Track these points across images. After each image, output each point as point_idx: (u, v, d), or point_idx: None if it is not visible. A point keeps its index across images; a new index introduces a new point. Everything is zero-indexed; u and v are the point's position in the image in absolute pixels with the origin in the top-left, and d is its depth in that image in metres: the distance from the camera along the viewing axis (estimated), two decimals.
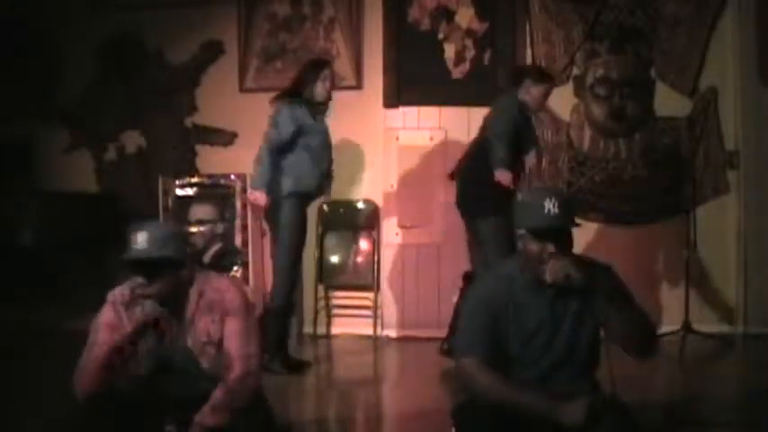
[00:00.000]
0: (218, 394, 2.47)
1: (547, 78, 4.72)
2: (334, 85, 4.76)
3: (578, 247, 2.50)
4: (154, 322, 2.47)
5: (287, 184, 4.53)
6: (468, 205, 4.68)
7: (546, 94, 4.70)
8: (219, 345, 2.54)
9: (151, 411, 2.52)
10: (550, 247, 2.38)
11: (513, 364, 2.44)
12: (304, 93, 4.59)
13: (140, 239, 2.43)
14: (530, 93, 4.61)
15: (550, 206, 2.38)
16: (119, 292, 2.56)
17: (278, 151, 4.51)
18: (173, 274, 2.50)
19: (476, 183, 4.60)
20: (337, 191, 5.17)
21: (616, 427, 2.24)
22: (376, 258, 5.78)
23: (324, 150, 4.63)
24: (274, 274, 4.62)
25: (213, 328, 2.54)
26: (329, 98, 4.66)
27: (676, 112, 5.68)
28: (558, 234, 2.40)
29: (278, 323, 4.56)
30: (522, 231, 2.45)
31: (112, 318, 2.53)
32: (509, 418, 2.30)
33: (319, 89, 4.60)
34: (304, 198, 4.61)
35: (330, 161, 4.70)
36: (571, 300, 2.42)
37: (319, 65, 4.72)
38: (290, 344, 4.83)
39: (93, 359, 2.47)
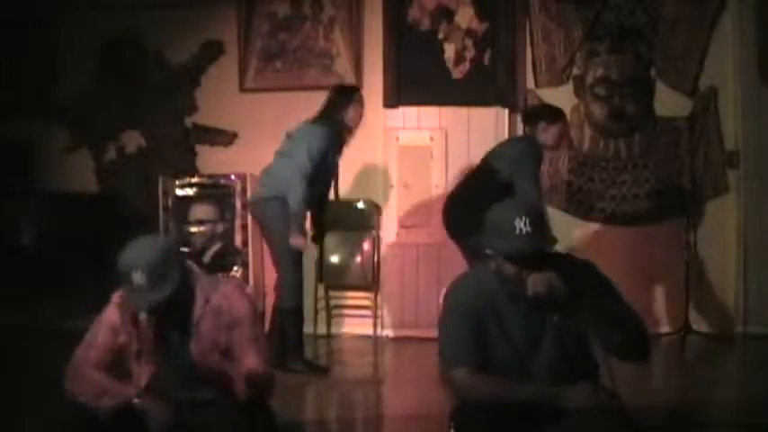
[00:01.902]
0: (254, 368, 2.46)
1: (562, 117, 4.72)
2: (362, 114, 4.69)
3: (579, 248, 2.47)
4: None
5: (270, 188, 4.51)
6: (460, 224, 4.60)
7: (562, 132, 4.69)
8: (224, 352, 2.52)
9: None
10: (526, 273, 2.25)
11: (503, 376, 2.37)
12: (336, 117, 4.55)
13: (140, 280, 2.36)
14: (547, 133, 4.60)
15: (521, 225, 2.23)
16: (124, 296, 2.51)
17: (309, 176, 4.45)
18: (174, 295, 2.44)
19: (469, 206, 4.47)
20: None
21: (615, 428, 2.24)
22: (376, 258, 5.78)
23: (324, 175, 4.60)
24: (280, 276, 4.61)
25: (219, 335, 2.51)
26: (358, 124, 4.65)
27: (676, 112, 5.68)
28: (534, 255, 2.25)
29: (294, 324, 4.57)
30: (492, 252, 2.32)
31: (116, 319, 2.51)
32: (507, 418, 2.30)
33: (351, 114, 4.57)
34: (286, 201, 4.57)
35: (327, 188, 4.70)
36: (549, 313, 2.30)
37: (350, 90, 4.72)
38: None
39: (88, 361, 2.47)
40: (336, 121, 4.55)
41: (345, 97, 4.61)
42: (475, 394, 2.35)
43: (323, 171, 4.54)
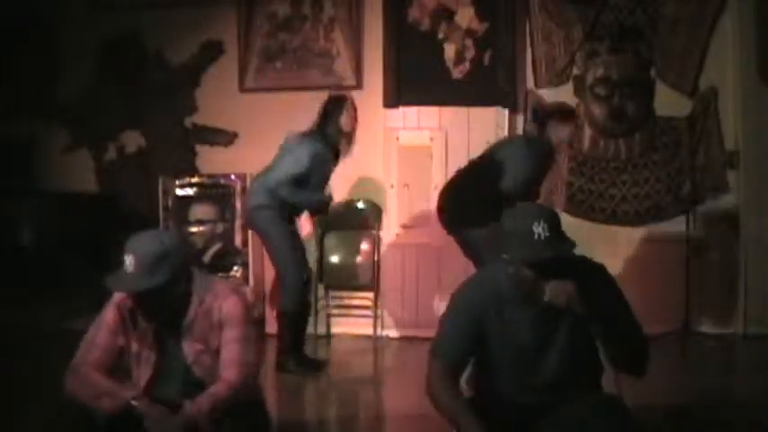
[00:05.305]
0: (215, 391, 2.43)
1: (571, 116, 4.72)
2: (357, 117, 4.75)
3: (579, 248, 2.46)
4: None
5: (260, 196, 4.54)
6: (454, 218, 4.58)
7: (572, 131, 4.69)
8: (215, 354, 2.51)
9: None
10: (545, 279, 2.22)
11: (504, 382, 2.36)
12: (327, 128, 4.60)
13: (128, 265, 2.38)
14: (558, 133, 4.56)
15: (540, 230, 2.19)
16: (124, 296, 2.51)
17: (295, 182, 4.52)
18: (169, 294, 2.44)
19: (462, 198, 4.55)
20: (337, 191, 5.17)
21: (617, 428, 2.24)
22: (376, 258, 5.78)
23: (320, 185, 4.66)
24: (283, 279, 4.62)
25: (211, 336, 2.50)
26: (355, 128, 4.69)
27: (676, 112, 5.68)
28: (553, 260, 2.21)
29: (292, 327, 4.59)
30: (509, 257, 2.26)
31: (115, 319, 2.51)
32: (509, 418, 2.30)
33: (344, 119, 4.62)
34: (280, 207, 4.59)
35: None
36: (564, 313, 2.29)
37: (341, 98, 4.75)
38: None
39: (87, 362, 2.46)
40: (328, 133, 4.60)
41: (335, 106, 4.65)
42: (430, 391, 2.37)
43: (316, 181, 4.59)
